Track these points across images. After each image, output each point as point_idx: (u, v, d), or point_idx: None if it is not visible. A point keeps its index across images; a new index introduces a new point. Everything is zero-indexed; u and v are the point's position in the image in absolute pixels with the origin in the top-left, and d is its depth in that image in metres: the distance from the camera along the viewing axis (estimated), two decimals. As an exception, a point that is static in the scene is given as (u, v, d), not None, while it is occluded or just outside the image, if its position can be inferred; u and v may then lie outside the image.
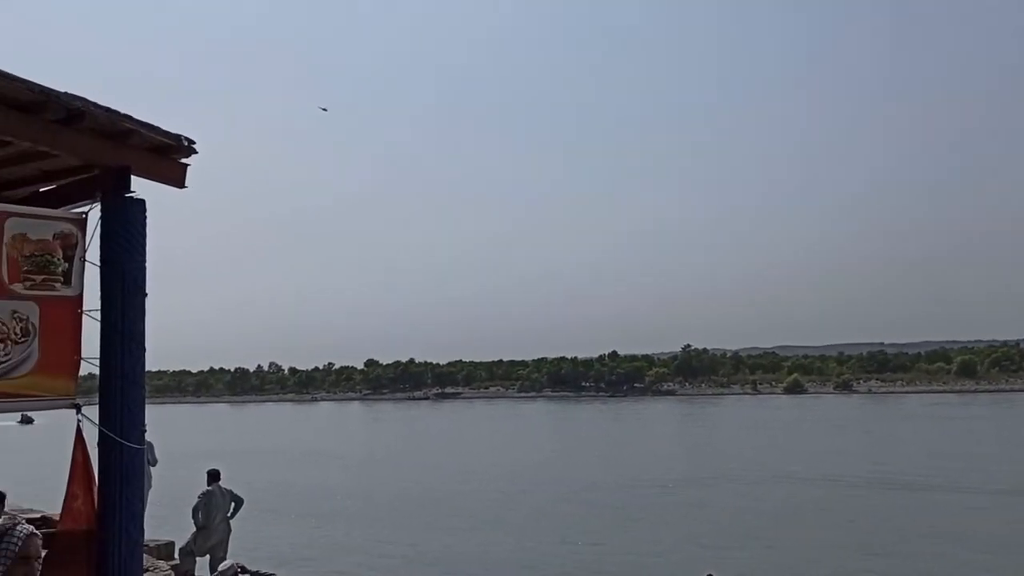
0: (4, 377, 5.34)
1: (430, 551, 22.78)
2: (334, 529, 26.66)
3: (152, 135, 5.85)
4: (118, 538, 5.46)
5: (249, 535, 16.69)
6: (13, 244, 5.41)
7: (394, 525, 27.04)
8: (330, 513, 29.84)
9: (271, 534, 23.66)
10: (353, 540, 24.77)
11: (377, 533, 25.79)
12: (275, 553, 20.26)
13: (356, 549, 23.34)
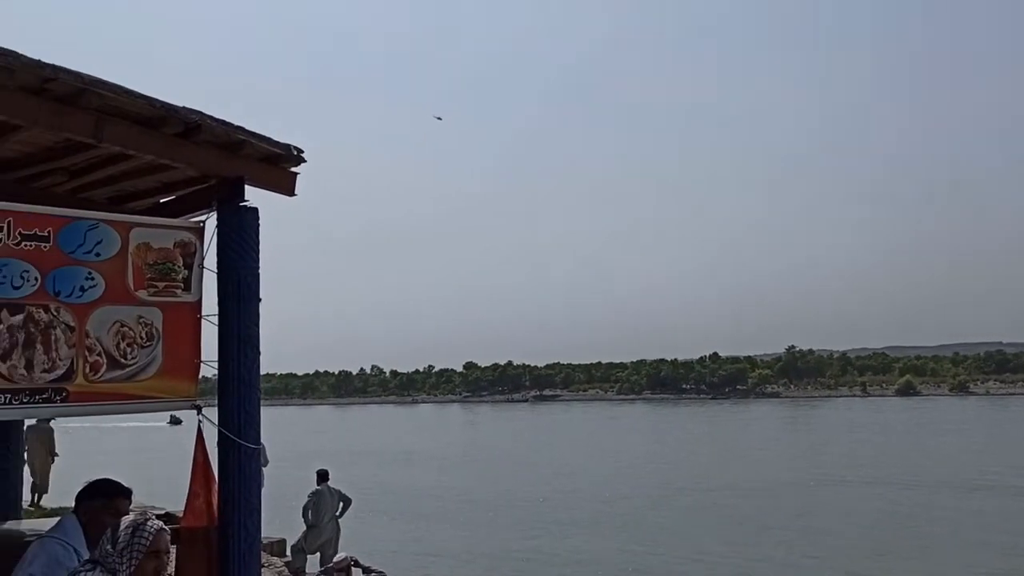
0: (131, 380, 5.62)
1: (525, 552, 22.84)
2: (435, 529, 27.00)
3: (263, 145, 6.06)
4: (237, 534, 5.66)
5: (357, 534, 17.06)
6: (137, 253, 5.69)
7: (492, 526, 27.21)
8: (430, 513, 30.22)
9: (377, 533, 24.11)
10: (452, 540, 25.03)
11: (474, 533, 26.00)
12: (380, 552, 20.64)
13: (455, 549, 23.58)
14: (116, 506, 4.23)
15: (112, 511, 4.19)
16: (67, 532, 4.21)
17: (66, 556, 4.04)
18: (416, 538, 25.20)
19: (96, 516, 4.20)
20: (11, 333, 5.14)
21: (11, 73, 4.85)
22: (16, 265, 5.17)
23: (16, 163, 6.54)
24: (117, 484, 4.40)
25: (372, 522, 25.52)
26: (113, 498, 4.30)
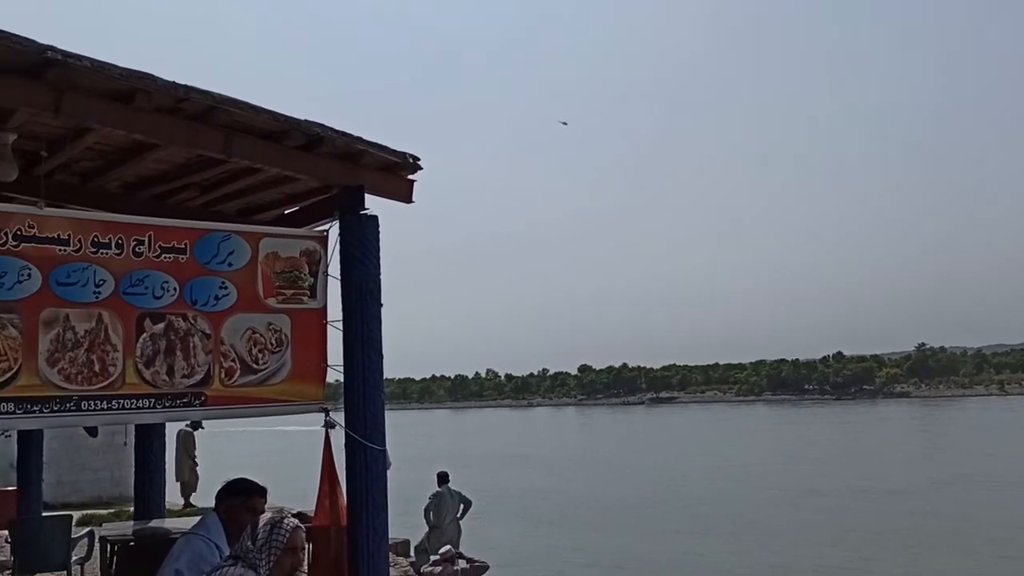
0: (263, 384, 5.86)
1: (639, 555, 22.58)
2: (553, 532, 27.02)
3: (382, 154, 6.21)
4: (365, 534, 5.82)
5: (478, 536, 17.24)
6: (266, 262, 5.93)
7: (606, 528, 27.04)
8: (548, 516, 30.26)
9: (496, 535, 24.30)
10: (570, 542, 24.98)
11: (592, 536, 25.88)
12: (500, 553, 20.79)
13: (571, 551, 23.53)
14: (252, 504, 4.41)
15: (249, 508, 4.37)
16: (209, 529, 4.41)
17: (208, 551, 4.23)
18: (535, 540, 25.30)
19: (234, 513, 4.38)
20: (154, 341, 5.43)
21: (148, 95, 5.14)
22: (157, 276, 5.46)
23: (153, 180, 6.92)
24: (253, 483, 4.58)
25: (491, 524, 25.76)
26: (250, 496, 4.48)
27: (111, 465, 19.67)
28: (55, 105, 4.86)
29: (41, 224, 5.07)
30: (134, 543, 6.70)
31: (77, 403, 5.12)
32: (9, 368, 4.86)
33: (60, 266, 5.09)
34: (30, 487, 11.12)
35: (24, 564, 7.86)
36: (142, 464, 9.13)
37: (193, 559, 4.22)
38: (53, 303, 5.06)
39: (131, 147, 6.11)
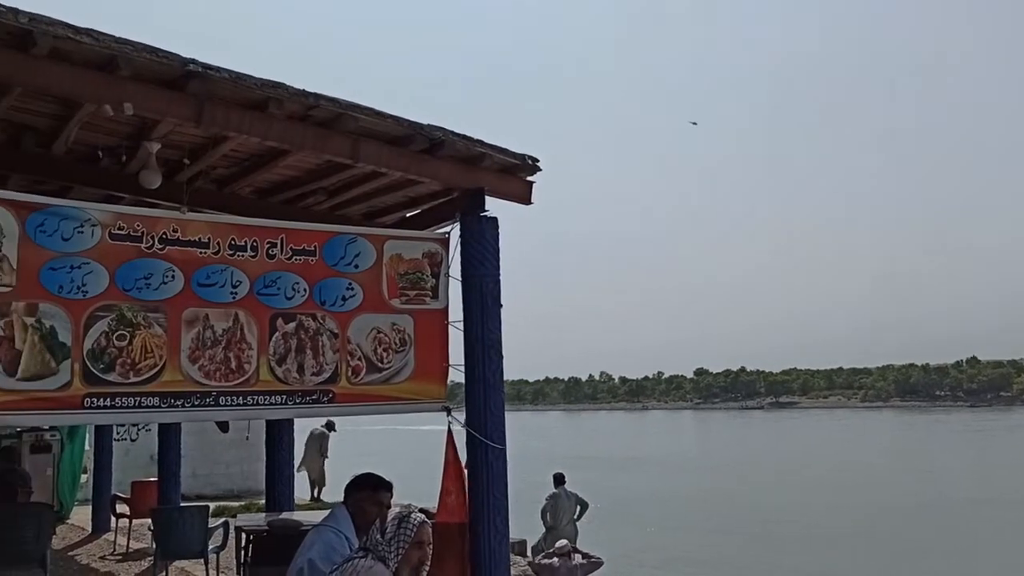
0: (388, 382, 6.02)
1: (757, 564, 21.96)
2: (669, 535, 26.63)
3: (502, 157, 6.29)
4: (487, 531, 5.90)
5: (594, 538, 17.18)
6: (390, 263, 6.10)
7: (721, 533, 26.46)
8: (664, 519, 29.85)
9: (612, 537, 24.14)
10: (687, 547, 24.57)
11: (709, 541, 25.38)
12: (617, 556, 20.63)
13: (690, 556, 23.12)
14: (378, 498, 4.51)
15: (375, 502, 4.48)
16: (338, 521, 4.54)
17: (338, 542, 4.37)
18: (652, 544, 25.02)
19: (361, 506, 4.50)
20: (285, 340, 5.67)
21: (281, 103, 5.35)
22: (288, 278, 5.70)
23: (283, 186, 7.19)
24: (379, 478, 4.67)
25: (605, 527, 25.61)
26: (376, 490, 4.58)
27: (241, 459, 20.48)
28: (196, 115, 5.12)
29: (184, 228, 5.36)
30: (268, 533, 6.98)
31: (215, 398, 5.38)
32: (155, 364, 5.16)
33: (201, 268, 5.37)
34: (169, 478, 11.75)
35: (165, 551, 8.30)
36: (272, 459, 9.51)
37: (324, 549, 4.35)
38: (194, 303, 5.34)
39: (263, 154, 6.37)
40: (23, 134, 5.99)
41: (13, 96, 5.07)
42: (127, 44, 4.63)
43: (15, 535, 7.61)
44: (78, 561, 10.65)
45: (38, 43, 4.42)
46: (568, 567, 11.63)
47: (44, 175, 6.43)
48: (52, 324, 4.84)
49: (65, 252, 4.90)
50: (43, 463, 14.03)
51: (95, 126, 5.63)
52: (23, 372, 4.72)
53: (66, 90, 4.81)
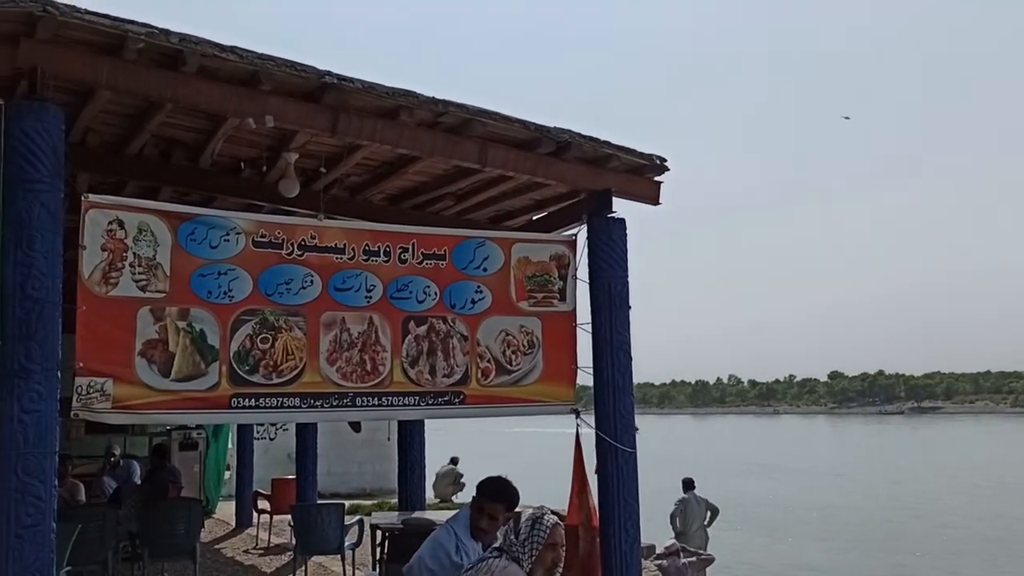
0: (517, 384, 6.07)
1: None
2: (801, 545, 25.75)
3: (629, 157, 6.24)
4: (618, 535, 5.86)
5: (725, 544, 16.81)
6: (518, 266, 6.15)
7: (864, 545, 25.35)
8: (796, 528, 28.88)
9: (733, 542, 23.54)
10: (821, 558, 23.67)
11: (843, 552, 24.37)
12: (747, 564, 20.13)
13: (825, 567, 22.26)
14: (481, 504, 4.49)
15: (478, 508, 4.49)
16: (458, 520, 4.60)
17: (447, 540, 4.43)
18: (782, 552, 24.27)
19: (476, 510, 4.54)
20: (417, 342, 5.80)
21: (411, 111, 5.48)
22: (419, 282, 5.83)
23: (413, 192, 7.36)
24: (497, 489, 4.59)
25: (737, 533, 25.01)
26: (482, 497, 4.55)
27: (373, 459, 21.08)
28: (332, 125, 5.31)
29: (321, 235, 5.56)
30: (402, 531, 7.16)
31: (352, 399, 5.56)
32: (296, 366, 5.37)
33: (337, 273, 5.56)
34: (307, 476, 12.20)
35: (304, 546, 8.61)
36: (404, 459, 9.74)
37: (433, 547, 4.43)
38: (331, 307, 5.54)
39: (394, 161, 6.54)
40: (173, 148, 6.34)
41: (164, 112, 5.38)
42: (269, 59, 4.84)
43: (168, 528, 8.08)
44: (224, 554, 11.18)
45: (188, 62, 4.67)
46: (677, 566, 11.50)
47: (191, 187, 6.79)
48: (202, 328, 5.10)
49: (213, 259, 5.17)
50: (191, 460, 14.82)
51: (238, 139, 5.91)
52: (176, 373, 5.00)
53: (213, 105, 5.06)
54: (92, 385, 4.73)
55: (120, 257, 4.87)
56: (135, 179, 6.63)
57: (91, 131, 5.87)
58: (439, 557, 4.35)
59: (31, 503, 4.16)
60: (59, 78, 4.56)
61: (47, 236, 4.31)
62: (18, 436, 4.17)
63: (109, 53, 4.61)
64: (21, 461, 4.16)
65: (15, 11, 4.20)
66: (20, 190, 4.29)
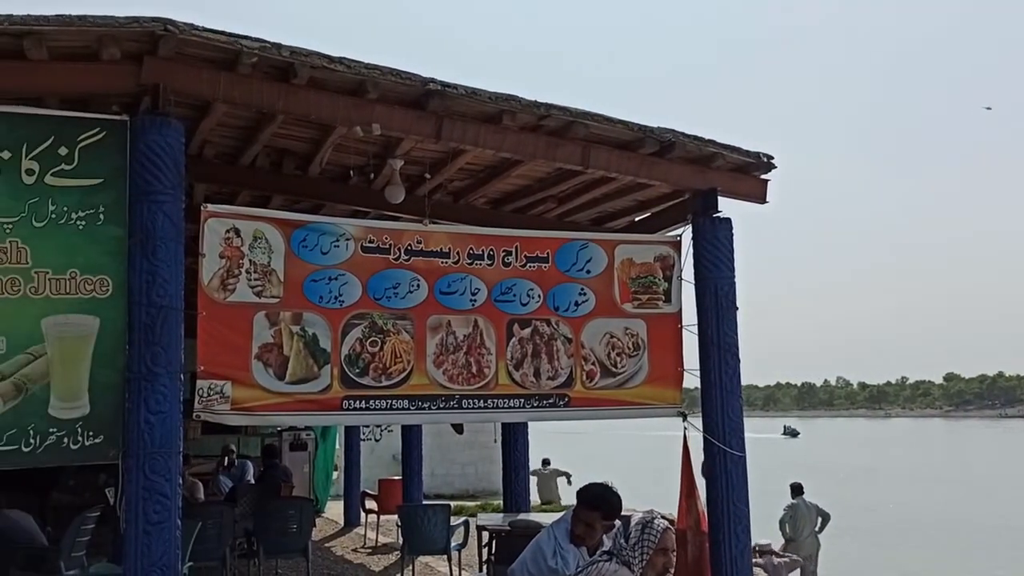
0: (622, 387, 6.04)
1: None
2: (917, 553, 24.72)
3: (734, 156, 6.12)
4: (727, 540, 5.75)
5: (837, 551, 16.31)
6: (622, 268, 6.12)
7: (984, 555, 24.16)
8: (911, 535, 27.76)
9: (855, 552, 22.79)
10: (938, 568, 22.67)
11: (959, 562, 23.28)
12: (855, 572, 19.45)
13: None
14: (579, 511, 4.48)
15: (575, 515, 4.47)
16: (559, 525, 4.61)
17: (546, 543, 4.44)
18: (895, 559, 23.37)
19: (576, 515, 4.53)
20: (522, 345, 5.83)
21: (514, 115, 5.51)
22: (523, 284, 5.86)
23: (514, 195, 7.39)
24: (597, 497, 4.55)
25: (848, 540, 24.21)
26: (581, 505, 4.53)
27: (476, 460, 21.29)
28: (436, 132, 5.39)
29: (426, 239, 5.65)
30: (509, 533, 7.20)
31: (459, 401, 5.63)
32: (404, 369, 5.48)
33: (443, 277, 5.65)
34: (413, 477, 12.40)
35: (412, 546, 8.75)
36: (509, 461, 9.80)
37: (533, 548, 4.46)
38: (437, 310, 5.62)
39: (497, 165, 6.58)
40: (284, 158, 6.55)
41: (276, 123, 5.56)
42: (375, 69, 4.95)
43: (282, 526, 8.33)
44: (333, 552, 11.46)
45: (298, 73, 4.82)
46: (773, 564, 11.29)
47: (301, 195, 7.01)
48: (314, 332, 5.25)
49: (324, 265, 5.32)
50: (300, 460, 15.25)
51: (345, 147, 6.05)
52: (290, 376, 5.16)
53: (322, 115, 5.21)
54: (212, 387, 4.93)
55: (237, 264, 5.05)
56: (248, 189, 6.89)
57: (207, 143, 6.11)
58: (538, 560, 4.37)
59: (158, 500, 4.36)
60: (179, 93, 4.76)
61: (170, 245, 4.51)
62: (145, 436, 4.38)
63: (225, 68, 4.80)
64: (148, 460, 4.37)
65: (139, 31, 4.41)
66: (144, 201, 4.51)
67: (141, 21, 4.37)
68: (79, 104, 4.96)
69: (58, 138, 4.52)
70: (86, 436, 4.43)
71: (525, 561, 4.44)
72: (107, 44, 4.47)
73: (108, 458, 4.49)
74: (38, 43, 4.34)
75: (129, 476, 4.40)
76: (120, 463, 4.47)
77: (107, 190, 4.57)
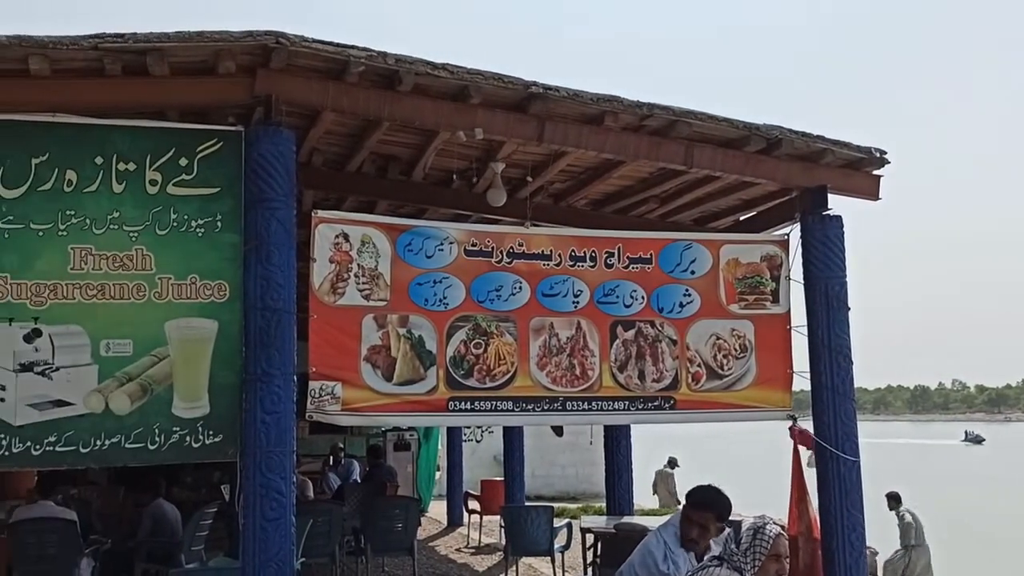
0: (729, 389, 5.93)
1: None
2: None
3: (845, 151, 5.94)
4: (841, 547, 5.57)
5: (952, 560, 15.63)
6: (727, 268, 6.01)
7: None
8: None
9: (970, 561, 21.74)
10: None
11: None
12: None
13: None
14: (690, 514, 4.38)
15: (687, 518, 4.38)
16: (667, 529, 4.53)
17: (655, 546, 4.36)
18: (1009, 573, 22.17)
19: (686, 518, 4.44)
20: (625, 347, 5.79)
21: (616, 116, 5.48)
22: (626, 286, 5.83)
23: (616, 195, 7.35)
24: (704, 494, 4.48)
25: (966, 550, 23.11)
26: (694, 507, 4.43)
27: (576, 462, 21.21)
28: (538, 134, 5.41)
29: (528, 242, 5.67)
30: (615, 536, 7.15)
31: (563, 403, 5.63)
32: (507, 371, 5.52)
33: (545, 279, 5.66)
34: (515, 478, 12.45)
35: (515, 547, 8.79)
36: (612, 463, 9.74)
37: (642, 552, 4.39)
38: (540, 312, 5.64)
39: (598, 166, 6.56)
40: (389, 163, 6.68)
41: (381, 130, 5.67)
42: (477, 74, 5.00)
43: (388, 524, 8.49)
44: (438, 552, 11.62)
45: (403, 81, 4.91)
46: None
47: (404, 200, 7.13)
48: (420, 334, 5.35)
49: (429, 268, 5.41)
50: (404, 460, 15.52)
51: (448, 152, 6.12)
52: (398, 377, 5.26)
53: (426, 121, 5.29)
54: (324, 388, 5.06)
55: (346, 268, 5.18)
56: (354, 194, 7.05)
57: (316, 151, 6.28)
58: (648, 564, 4.31)
59: (273, 498, 4.51)
60: (290, 103, 4.92)
61: (283, 251, 4.66)
62: (261, 436, 4.54)
63: (333, 77, 4.93)
64: (264, 459, 4.52)
65: (252, 44, 4.58)
66: (259, 209, 4.68)
67: (255, 35, 4.53)
68: (197, 116, 5.19)
69: (179, 149, 4.74)
70: (206, 435, 4.62)
71: (633, 565, 4.39)
72: (223, 58, 4.66)
73: (227, 456, 4.67)
74: (160, 59, 4.55)
75: (246, 474, 4.57)
76: (238, 461, 4.66)
77: (224, 198, 4.77)
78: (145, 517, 7.82)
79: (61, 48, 4.35)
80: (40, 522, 6.75)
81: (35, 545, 6.60)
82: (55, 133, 4.63)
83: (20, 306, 4.49)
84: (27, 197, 4.55)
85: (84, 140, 4.66)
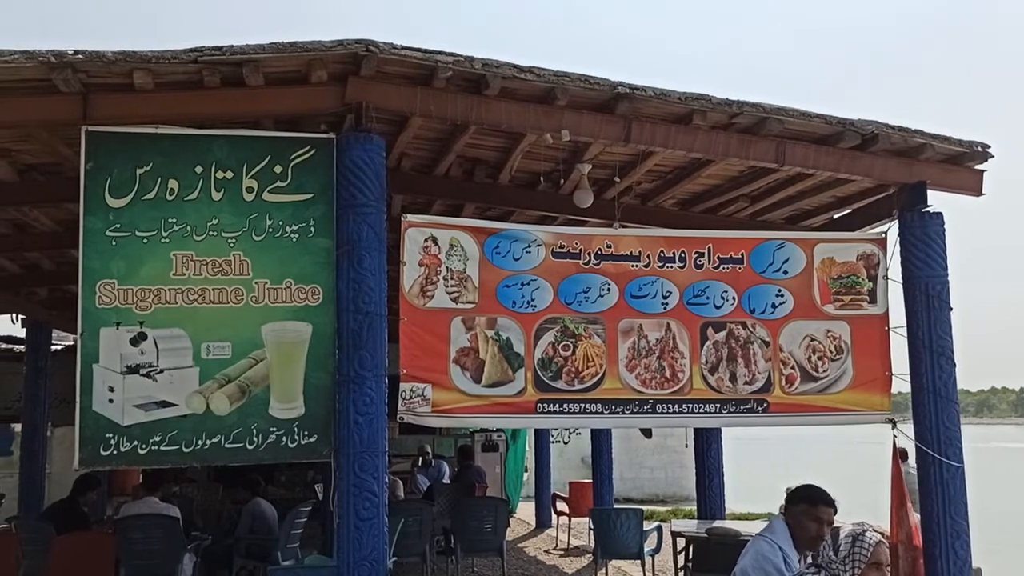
0: (824, 392, 5.77)
1: None
2: None
3: (945, 146, 5.73)
4: (945, 556, 5.36)
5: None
6: (822, 268, 5.85)
7: None
8: None
9: None
10: None
11: None
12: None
13: None
14: (817, 512, 4.28)
15: (813, 516, 4.27)
16: (775, 532, 4.42)
17: (771, 552, 4.24)
18: None
19: (799, 519, 4.33)
20: (716, 348, 5.69)
21: (704, 115, 5.41)
22: (716, 286, 5.73)
23: (704, 195, 7.24)
24: (819, 492, 4.43)
25: None
26: (814, 504, 4.35)
27: (665, 465, 20.99)
28: (625, 135, 5.38)
29: (616, 243, 5.63)
30: (707, 540, 7.04)
31: (652, 406, 5.57)
32: (596, 373, 5.48)
33: (633, 280, 5.61)
34: (603, 480, 12.38)
35: (604, 549, 8.74)
36: (702, 466, 9.60)
37: (756, 558, 4.27)
38: (628, 314, 5.59)
39: (686, 165, 6.48)
40: (476, 167, 6.73)
41: (468, 134, 5.72)
42: (564, 76, 5.00)
43: (477, 525, 8.56)
44: (526, 553, 11.65)
45: (490, 85, 4.95)
46: None
47: (491, 202, 7.17)
48: (508, 336, 5.36)
49: (516, 271, 5.42)
50: (492, 461, 15.60)
51: (534, 154, 6.14)
52: (486, 379, 5.29)
53: (513, 124, 5.31)
54: (414, 390, 5.13)
55: (435, 271, 5.24)
56: (442, 198, 7.12)
57: (405, 156, 6.37)
58: (767, 571, 4.21)
59: (367, 498, 4.60)
60: (380, 109, 5.00)
61: (374, 255, 4.76)
62: (354, 436, 4.63)
63: (421, 83, 5.00)
64: (357, 459, 4.62)
65: (343, 52, 4.68)
66: (350, 214, 4.78)
67: (345, 43, 4.63)
68: (290, 125, 5.33)
69: (273, 157, 4.88)
70: (302, 435, 4.75)
71: (746, 570, 4.31)
72: (315, 67, 4.77)
73: (322, 456, 4.79)
74: (255, 70, 4.69)
75: (340, 474, 4.67)
76: (332, 461, 4.76)
77: (316, 204, 4.89)
78: (244, 514, 8.07)
79: (163, 62, 4.53)
80: (146, 518, 7.02)
81: (141, 540, 6.87)
82: (158, 144, 4.82)
83: (127, 311, 4.69)
84: (132, 206, 4.75)
85: (185, 150, 4.84)
